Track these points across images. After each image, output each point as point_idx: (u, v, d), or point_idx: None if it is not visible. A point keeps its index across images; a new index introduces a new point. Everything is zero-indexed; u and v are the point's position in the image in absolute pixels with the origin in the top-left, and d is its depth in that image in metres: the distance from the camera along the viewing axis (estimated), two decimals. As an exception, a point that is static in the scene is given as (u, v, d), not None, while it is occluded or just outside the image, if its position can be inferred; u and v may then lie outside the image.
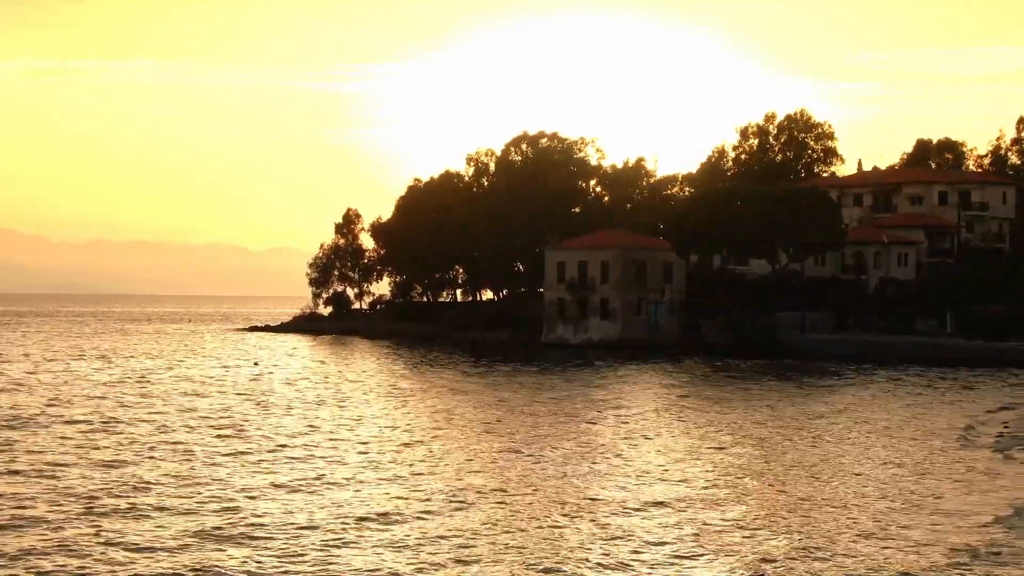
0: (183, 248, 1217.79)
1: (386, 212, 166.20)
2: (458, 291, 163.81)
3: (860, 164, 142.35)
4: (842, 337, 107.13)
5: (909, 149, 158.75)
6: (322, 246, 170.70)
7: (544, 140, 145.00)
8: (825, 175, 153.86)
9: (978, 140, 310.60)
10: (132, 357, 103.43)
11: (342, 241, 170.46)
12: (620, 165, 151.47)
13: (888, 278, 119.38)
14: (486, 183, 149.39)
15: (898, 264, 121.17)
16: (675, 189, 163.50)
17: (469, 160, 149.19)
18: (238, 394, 67.89)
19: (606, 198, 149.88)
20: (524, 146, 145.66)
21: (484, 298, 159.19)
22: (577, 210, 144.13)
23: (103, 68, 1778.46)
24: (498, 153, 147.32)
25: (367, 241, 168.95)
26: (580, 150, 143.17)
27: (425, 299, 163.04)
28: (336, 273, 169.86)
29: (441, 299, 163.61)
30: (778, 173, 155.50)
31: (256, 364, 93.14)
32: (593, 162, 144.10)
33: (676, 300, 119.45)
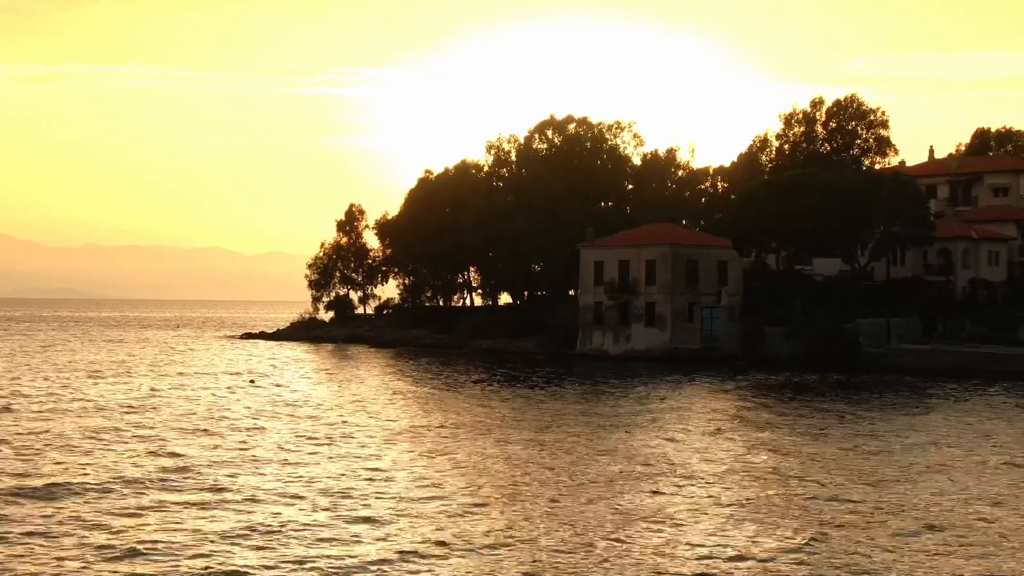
0: (176, 252, 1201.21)
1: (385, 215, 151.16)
2: (472, 294, 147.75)
3: (932, 152, 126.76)
4: (935, 348, 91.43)
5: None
6: (323, 245, 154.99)
7: (572, 125, 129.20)
8: (878, 166, 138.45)
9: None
10: (117, 376, 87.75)
11: (344, 240, 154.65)
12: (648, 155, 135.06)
13: (979, 279, 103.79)
14: (506, 174, 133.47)
15: (989, 263, 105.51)
16: (707, 183, 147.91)
17: (489, 148, 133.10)
18: (233, 429, 52.34)
19: (631, 189, 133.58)
20: (550, 132, 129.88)
21: (500, 302, 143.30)
22: (606, 204, 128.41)
23: (96, 72, 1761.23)
24: (521, 140, 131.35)
25: (371, 240, 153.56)
26: (615, 135, 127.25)
27: (437, 303, 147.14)
28: (338, 275, 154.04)
29: (454, 303, 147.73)
30: (826, 165, 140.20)
31: (252, 382, 77.57)
32: (630, 150, 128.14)
33: (734, 304, 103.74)
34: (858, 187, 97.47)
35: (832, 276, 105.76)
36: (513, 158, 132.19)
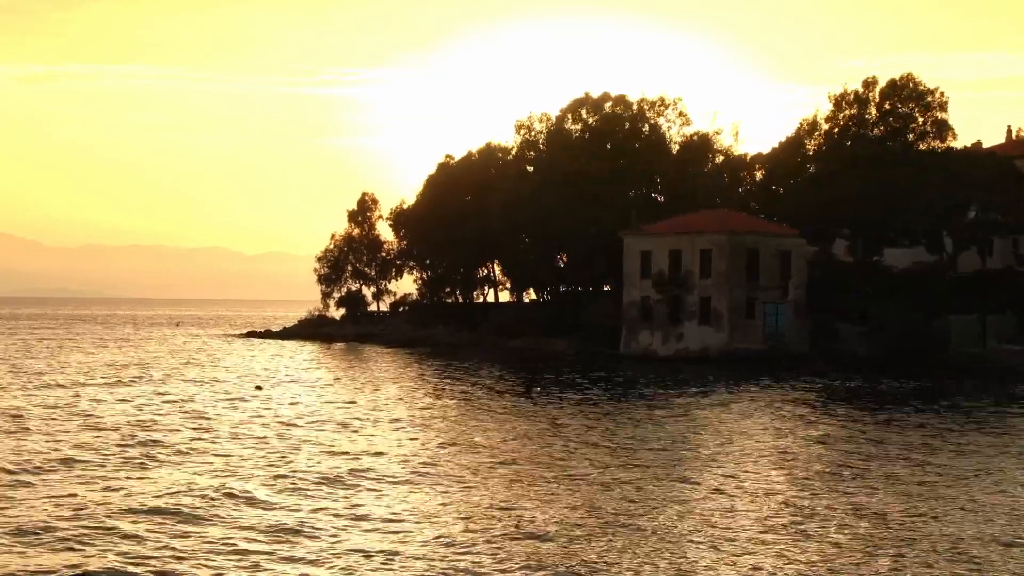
0: (177, 252, 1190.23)
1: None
2: (494, 290, 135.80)
3: (1009, 131, 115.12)
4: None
5: None
6: (333, 237, 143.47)
7: (609, 104, 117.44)
8: (940, 150, 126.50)
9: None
10: (107, 377, 76.55)
11: (356, 231, 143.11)
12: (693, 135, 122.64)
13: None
14: (532, 155, 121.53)
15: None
16: (744, 171, 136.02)
17: (519, 128, 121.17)
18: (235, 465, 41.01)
19: (666, 175, 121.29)
20: (584, 112, 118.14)
21: (525, 299, 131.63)
22: (639, 191, 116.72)
23: (97, 72, 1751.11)
24: (553, 119, 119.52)
25: (385, 233, 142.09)
26: (659, 113, 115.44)
27: (457, 299, 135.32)
28: (350, 268, 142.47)
29: (475, 299, 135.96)
30: (879, 151, 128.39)
31: (259, 388, 66.03)
32: (674, 130, 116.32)
33: (801, 300, 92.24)
34: (944, 167, 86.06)
35: (906, 267, 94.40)
36: (543, 140, 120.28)
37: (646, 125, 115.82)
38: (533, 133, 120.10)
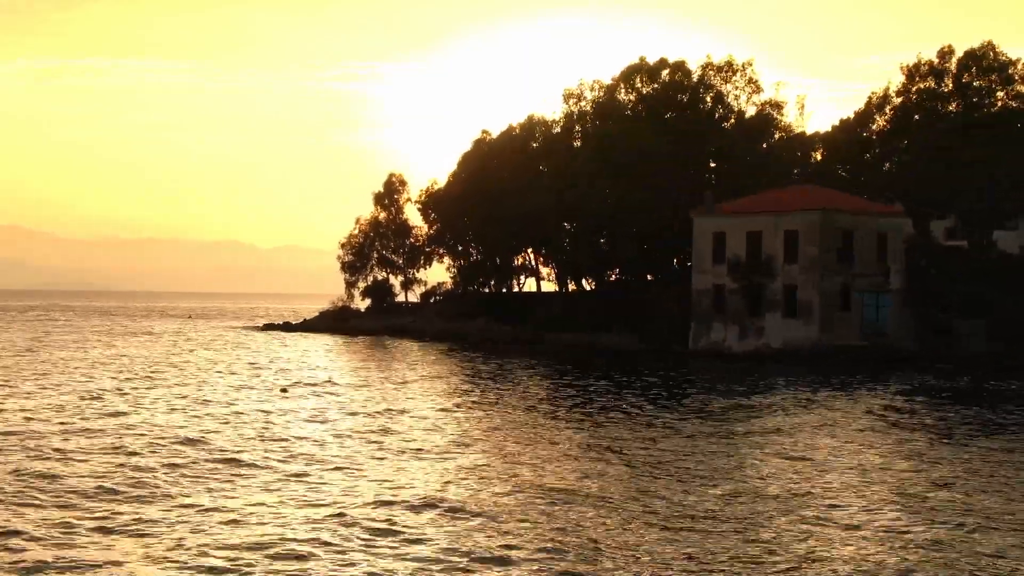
0: (192, 245, 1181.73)
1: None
2: (535, 278, 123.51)
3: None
4: None
5: None
6: (358, 221, 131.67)
7: (667, 72, 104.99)
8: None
9: None
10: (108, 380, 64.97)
11: (383, 215, 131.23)
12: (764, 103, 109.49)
13: None
14: (579, 130, 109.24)
15: None
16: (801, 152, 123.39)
17: (567, 96, 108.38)
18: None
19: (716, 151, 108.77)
20: (639, 81, 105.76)
21: (566, 287, 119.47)
22: (694, 171, 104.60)
23: (112, 67, 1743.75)
24: (605, 87, 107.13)
25: (414, 218, 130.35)
26: (727, 80, 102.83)
27: (492, 289, 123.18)
28: (376, 256, 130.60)
29: (514, 289, 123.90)
30: (956, 129, 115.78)
31: (284, 391, 54.27)
32: (743, 99, 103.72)
33: (905, 288, 79.90)
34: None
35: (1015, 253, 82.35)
36: (592, 111, 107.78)
37: (709, 94, 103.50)
38: (583, 103, 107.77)
